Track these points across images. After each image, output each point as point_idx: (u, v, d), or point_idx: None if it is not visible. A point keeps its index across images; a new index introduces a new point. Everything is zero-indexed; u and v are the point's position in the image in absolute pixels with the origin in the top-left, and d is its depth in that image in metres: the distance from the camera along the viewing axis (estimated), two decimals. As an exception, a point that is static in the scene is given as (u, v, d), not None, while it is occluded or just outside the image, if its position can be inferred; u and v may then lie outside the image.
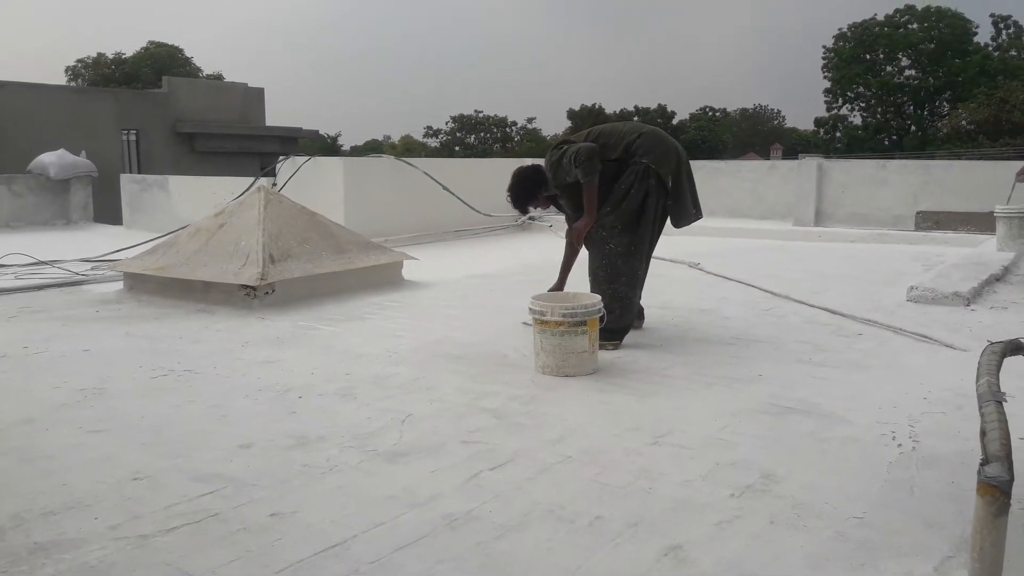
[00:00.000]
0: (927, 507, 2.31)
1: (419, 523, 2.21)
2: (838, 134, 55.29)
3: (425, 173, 9.41)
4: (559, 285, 4.79)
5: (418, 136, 68.78)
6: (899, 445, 2.81)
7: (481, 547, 2.09)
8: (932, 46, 49.80)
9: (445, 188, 9.49)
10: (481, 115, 69.28)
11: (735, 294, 5.80)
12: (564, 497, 2.38)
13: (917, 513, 2.28)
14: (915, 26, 50.73)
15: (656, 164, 4.24)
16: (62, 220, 11.39)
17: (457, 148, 66.12)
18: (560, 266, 4.83)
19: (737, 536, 2.14)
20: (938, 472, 2.57)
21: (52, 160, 11.42)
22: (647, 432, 2.93)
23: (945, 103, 50.81)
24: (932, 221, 10.35)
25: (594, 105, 62.67)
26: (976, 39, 50.44)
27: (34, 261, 7.07)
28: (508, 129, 69.46)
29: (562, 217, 4.98)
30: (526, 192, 4.58)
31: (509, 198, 4.64)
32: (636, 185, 4.23)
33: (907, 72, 52.12)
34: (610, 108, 63.22)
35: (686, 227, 4.52)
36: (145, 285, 5.72)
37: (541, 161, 4.65)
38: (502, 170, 11.36)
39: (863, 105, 54.21)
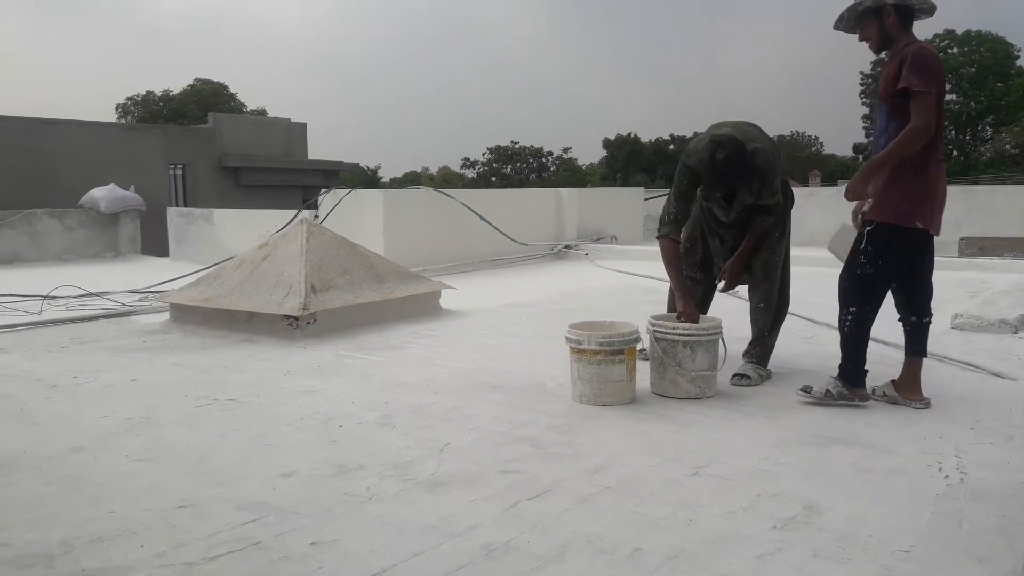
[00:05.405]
0: (976, 541, 2.26)
1: (457, 553, 2.22)
2: (878, 160, 54.52)
3: (462, 203, 9.50)
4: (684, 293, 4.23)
5: (455, 167, 69.43)
6: (946, 476, 2.75)
7: (520, 577, 2.08)
8: (973, 70, 49.08)
9: (482, 218, 9.57)
10: (517, 146, 69.75)
11: (775, 322, 5.73)
12: (603, 528, 2.37)
13: (966, 547, 2.22)
14: (955, 50, 50.06)
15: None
16: (111, 252, 11.69)
17: (494, 179, 66.52)
18: (673, 277, 4.30)
19: (779, 569, 2.11)
20: (988, 505, 2.51)
21: (102, 195, 11.77)
22: (687, 463, 2.91)
23: (988, 127, 49.97)
24: (977, 247, 10.12)
25: (629, 134, 62.79)
26: (1019, 62, 49.66)
27: (84, 293, 7.26)
28: (544, 159, 69.79)
29: (599, 246, 4.93)
30: (735, 176, 3.97)
31: (713, 176, 3.98)
32: (788, 207, 4.27)
33: (948, 97, 51.39)
34: (645, 137, 63.31)
35: None
36: (191, 316, 5.85)
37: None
38: (538, 200, 11.53)
39: (903, 131, 53.51)
